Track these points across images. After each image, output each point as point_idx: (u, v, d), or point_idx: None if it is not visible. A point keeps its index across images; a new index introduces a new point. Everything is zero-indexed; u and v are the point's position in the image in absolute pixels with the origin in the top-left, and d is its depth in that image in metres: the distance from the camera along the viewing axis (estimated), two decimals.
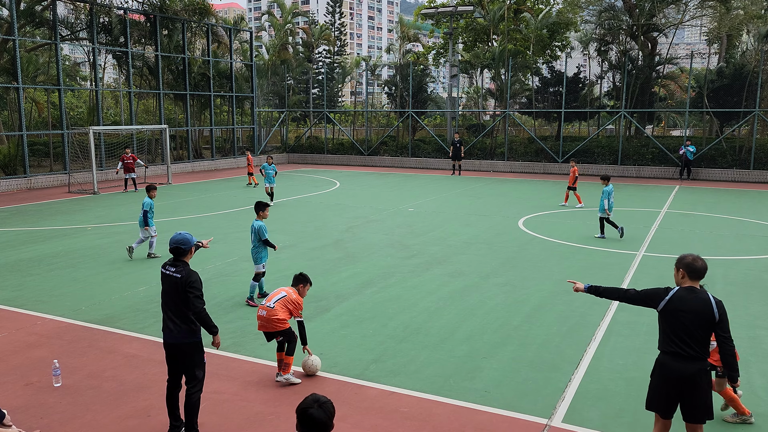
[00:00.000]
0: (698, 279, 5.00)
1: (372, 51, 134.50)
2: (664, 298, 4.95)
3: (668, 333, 4.93)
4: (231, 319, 8.98)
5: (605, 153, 31.96)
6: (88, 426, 5.98)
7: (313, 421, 3.22)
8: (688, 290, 4.95)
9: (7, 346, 7.99)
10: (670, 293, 4.96)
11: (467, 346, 8.00)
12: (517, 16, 36.87)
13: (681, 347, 4.85)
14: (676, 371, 4.88)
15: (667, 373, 4.93)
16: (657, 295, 4.99)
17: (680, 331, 4.87)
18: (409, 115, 37.04)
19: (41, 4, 27.49)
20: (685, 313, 4.85)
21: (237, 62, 36.71)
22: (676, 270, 5.08)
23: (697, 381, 4.84)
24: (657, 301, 4.97)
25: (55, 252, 13.33)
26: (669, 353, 4.92)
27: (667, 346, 4.93)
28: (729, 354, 4.89)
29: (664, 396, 4.96)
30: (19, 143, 25.08)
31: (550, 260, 12.75)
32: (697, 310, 4.84)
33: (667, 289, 5.02)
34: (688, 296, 4.91)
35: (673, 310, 4.89)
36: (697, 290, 4.96)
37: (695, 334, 4.85)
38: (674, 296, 4.93)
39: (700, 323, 4.85)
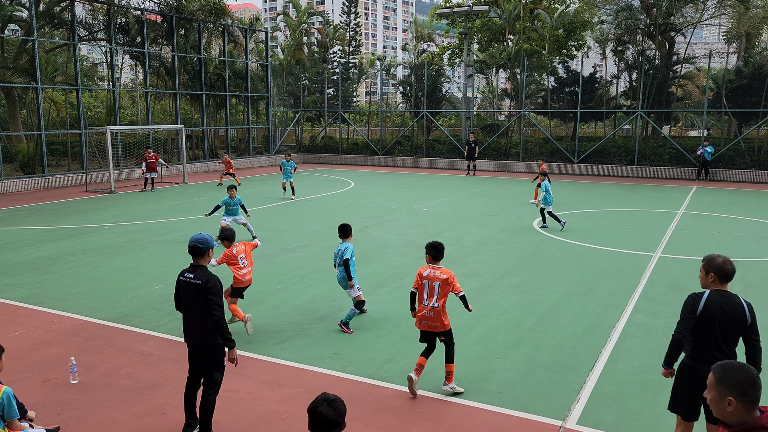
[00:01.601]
0: (728, 282, 4.91)
1: (387, 51, 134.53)
2: (699, 303, 4.84)
3: (702, 339, 4.83)
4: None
5: (621, 153, 31.70)
6: (104, 423, 6.04)
7: (323, 420, 3.23)
8: (720, 294, 4.85)
9: (26, 343, 8.10)
10: (703, 298, 4.85)
11: (481, 347, 7.97)
12: (533, 16, 36.67)
13: (714, 353, 4.76)
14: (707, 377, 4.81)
15: (698, 379, 4.82)
16: (693, 305, 4.86)
17: (717, 336, 4.79)
18: (423, 115, 36.99)
19: (60, 5, 27.81)
20: (721, 318, 4.78)
21: (252, 62, 36.90)
22: (704, 272, 4.95)
23: None
24: (695, 310, 4.84)
25: (72, 250, 13.48)
26: (701, 360, 4.83)
27: (700, 353, 4.84)
28: (757, 356, 4.84)
29: (693, 400, 4.91)
30: (38, 143, 25.41)
31: (565, 261, 12.67)
32: (732, 314, 4.78)
33: (696, 296, 4.90)
34: (722, 300, 4.81)
35: (710, 315, 4.79)
36: (728, 294, 4.88)
37: (730, 338, 4.80)
38: (708, 301, 4.82)
39: (735, 327, 4.80)
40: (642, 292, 10.48)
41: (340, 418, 3.26)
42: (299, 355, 7.66)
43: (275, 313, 9.29)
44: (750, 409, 2.81)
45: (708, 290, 4.92)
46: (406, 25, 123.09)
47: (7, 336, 8.29)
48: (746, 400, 2.80)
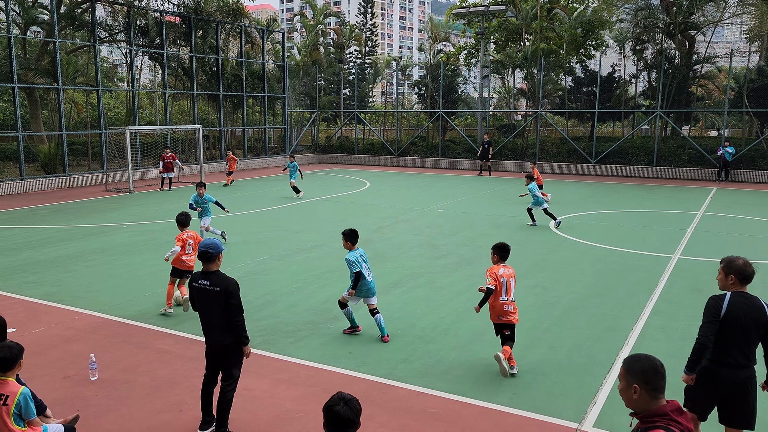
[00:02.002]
0: (747, 284, 4.89)
1: (403, 51, 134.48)
2: (722, 306, 4.81)
3: (725, 341, 4.80)
4: (261, 317, 9.08)
5: (640, 154, 31.39)
6: (123, 419, 6.12)
7: (339, 419, 3.25)
8: (741, 296, 4.83)
9: (47, 340, 8.23)
10: (725, 301, 4.82)
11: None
12: (551, 15, 36.44)
13: (734, 356, 4.76)
14: (727, 380, 4.82)
15: (718, 382, 4.85)
16: (716, 308, 4.82)
17: (739, 339, 4.77)
18: (439, 115, 36.93)
19: (81, 8, 28.19)
20: (743, 320, 4.75)
21: (269, 63, 37.10)
22: (724, 274, 4.92)
23: (747, 388, 4.82)
24: (719, 313, 4.81)
25: (92, 249, 13.66)
26: (722, 363, 4.81)
27: (722, 356, 4.82)
28: None
29: (709, 401, 4.96)
30: (59, 143, 25.77)
31: (582, 262, 12.59)
32: (754, 316, 4.76)
33: (719, 298, 4.87)
34: (744, 302, 4.79)
35: (733, 318, 4.77)
36: (749, 296, 4.85)
37: (753, 340, 4.79)
38: (731, 303, 4.80)
39: (757, 329, 4.79)
40: (660, 294, 10.39)
41: (356, 417, 3.28)
42: (314, 355, 7.70)
43: (290, 312, 9.35)
44: (654, 396, 2.99)
45: (729, 292, 4.88)
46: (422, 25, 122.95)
47: (28, 333, 8.44)
48: (649, 387, 2.98)
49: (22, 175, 24.07)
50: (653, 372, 3.01)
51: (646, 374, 3.00)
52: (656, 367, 3.03)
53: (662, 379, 3.03)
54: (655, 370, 3.02)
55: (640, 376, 3.01)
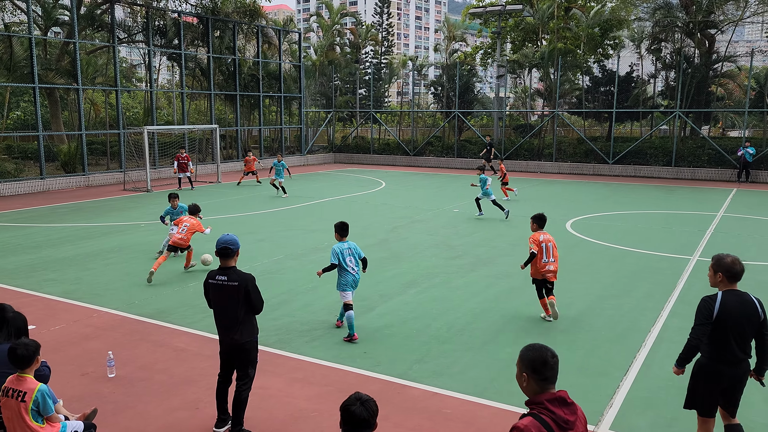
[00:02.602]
0: (736, 282, 4.99)
1: (419, 51, 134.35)
2: (714, 306, 4.92)
3: (721, 340, 4.91)
4: (277, 316, 9.11)
5: (658, 154, 31.06)
6: (140, 416, 6.18)
7: (355, 419, 3.26)
8: (733, 294, 4.94)
9: (66, 337, 8.33)
10: (718, 300, 4.93)
11: (512, 349, 7.89)
12: (568, 15, 36.18)
13: (734, 353, 4.90)
14: (728, 376, 4.97)
15: (721, 378, 4.97)
16: (708, 310, 4.94)
17: (736, 336, 4.88)
18: (455, 115, 36.84)
19: (100, 9, 28.51)
20: (737, 318, 4.86)
21: (286, 63, 37.25)
22: (713, 271, 5.04)
23: (743, 380, 5.03)
24: (711, 314, 4.92)
25: (110, 247, 13.81)
26: (721, 360, 4.95)
27: (720, 354, 4.94)
28: None
29: (714, 397, 5.09)
30: (79, 142, 26.09)
31: (599, 263, 12.48)
32: (747, 312, 4.89)
33: (710, 299, 4.97)
34: (736, 300, 4.90)
35: (727, 316, 4.87)
36: (740, 293, 4.97)
37: (748, 336, 4.93)
38: (723, 302, 4.90)
39: (751, 325, 4.91)
40: (679, 296, 10.26)
41: (372, 418, 3.29)
42: (329, 354, 7.71)
43: (306, 311, 9.37)
44: (540, 385, 3.15)
45: (720, 292, 5.00)
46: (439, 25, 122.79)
47: (48, 330, 8.55)
48: (537, 377, 3.15)
49: (42, 174, 24.41)
50: (541, 363, 3.13)
51: (534, 363, 3.14)
52: (545, 358, 3.14)
53: (550, 370, 3.13)
54: (544, 361, 3.13)
55: (528, 365, 3.15)
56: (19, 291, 10.45)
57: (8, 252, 13.33)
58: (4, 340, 5.12)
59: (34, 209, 19.46)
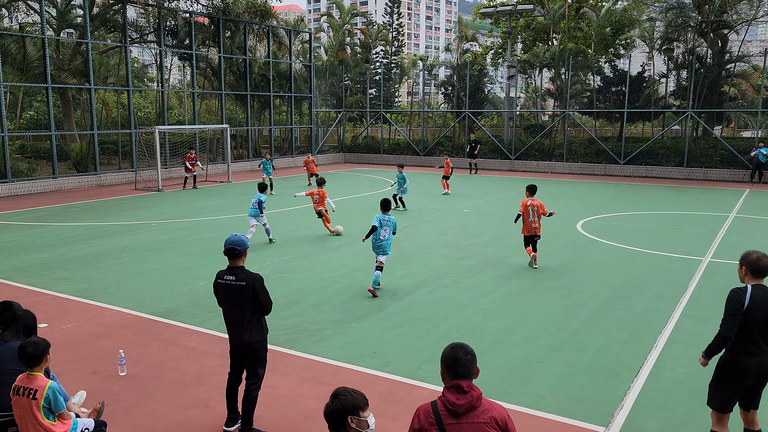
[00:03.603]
0: (761, 277, 5.08)
1: (429, 51, 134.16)
2: (745, 297, 4.99)
3: (747, 332, 4.99)
4: (287, 315, 9.14)
5: (670, 154, 30.84)
6: (151, 414, 6.21)
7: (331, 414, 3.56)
8: (759, 288, 5.05)
9: (77, 335, 8.40)
10: (747, 293, 5.01)
11: (522, 350, 7.88)
12: (579, 14, 36.01)
13: (759, 345, 4.99)
14: (754, 369, 5.03)
15: (745, 371, 5.03)
16: (739, 301, 5.01)
17: (761, 328, 4.97)
18: (465, 115, 36.76)
19: (112, 9, 28.72)
20: (765, 311, 4.96)
21: (296, 63, 37.34)
22: (740, 266, 5.19)
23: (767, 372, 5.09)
24: (742, 305, 5.00)
25: (121, 246, 13.91)
26: (746, 353, 5.01)
27: (744, 347, 5.01)
28: None
29: (736, 392, 5.14)
30: (91, 142, 26.29)
31: (610, 264, 12.41)
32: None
33: (740, 291, 5.06)
34: (762, 294, 5.00)
35: (756, 308, 4.97)
36: (765, 287, 5.06)
37: None
38: (753, 295, 5.00)
39: None
40: (690, 297, 10.19)
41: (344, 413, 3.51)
42: (339, 354, 7.72)
43: (316, 311, 9.39)
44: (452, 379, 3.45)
45: (749, 285, 5.08)
46: (449, 25, 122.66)
47: (59, 328, 8.62)
48: (449, 372, 3.46)
49: (55, 173, 24.62)
50: (453, 359, 3.44)
51: (447, 360, 3.46)
52: (457, 356, 3.44)
53: (462, 366, 3.42)
54: (455, 358, 3.43)
55: (443, 362, 3.48)
56: (31, 289, 10.55)
57: (21, 250, 13.46)
58: (12, 338, 5.16)
59: (47, 208, 19.63)
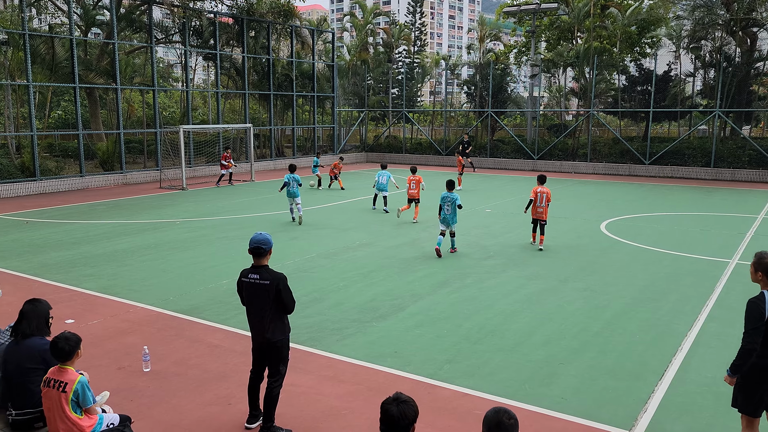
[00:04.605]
0: None
1: (452, 50, 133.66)
2: (764, 306, 4.86)
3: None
4: (308, 314, 9.18)
5: (697, 155, 30.34)
6: (174, 410, 6.29)
7: (388, 417, 3.30)
8: None
9: (103, 331, 8.54)
10: (766, 300, 4.89)
11: (544, 351, 7.81)
12: (604, 13, 35.59)
13: None
14: None
15: None
16: (759, 311, 4.87)
17: None
18: (488, 114, 36.58)
19: (139, 10, 29.12)
20: None
21: (319, 63, 37.49)
22: (753, 269, 5.04)
23: None
24: (763, 316, 4.86)
25: (146, 244, 14.10)
26: None
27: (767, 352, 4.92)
28: None
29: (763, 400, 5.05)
30: (117, 141, 26.70)
31: (634, 266, 12.25)
32: None
33: (759, 300, 4.91)
34: None
35: None
36: None
37: None
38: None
39: None
40: (717, 299, 10.01)
41: (404, 420, 3.32)
42: (360, 353, 7.74)
43: (337, 310, 9.42)
44: None
45: (765, 291, 4.96)
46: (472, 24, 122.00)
47: (86, 324, 8.77)
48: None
49: (82, 171, 25.05)
50: (496, 424, 3.30)
51: (489, 424, 3.31)
52: (500, 420, 3.31)
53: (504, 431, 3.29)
54: (499, 422, 3.30)
55: (485, 425, 3.34)
56: (59, 286, 10.75)
57: (49, 248, 13.72)
58: (30, 333, 5.25)
59: (74, 206, 19.99)
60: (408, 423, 3.34)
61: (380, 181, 19.02)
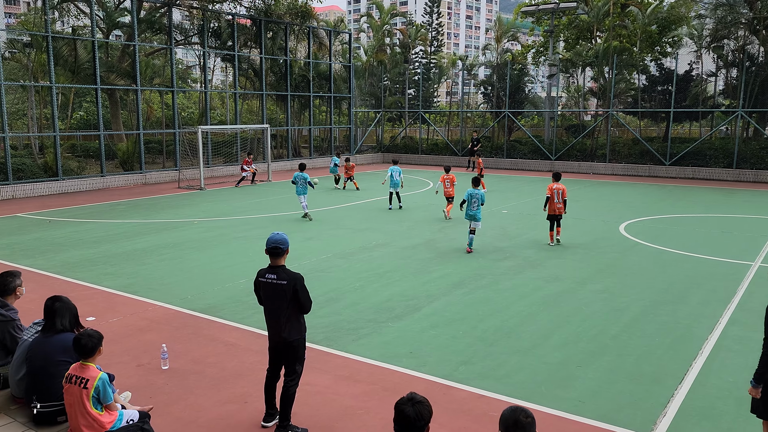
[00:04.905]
0: None
1: (469, 51, 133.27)
2: None
3: None
4: (325, 314, 9.21)
5: (719, 156, 29.91)
6: (191, 408, 6.35)
7: (402, 418, 3.30)
8: None
9: (122, 329, 8.64)
10: None
11: (561, 354, 7.76)
12: (624, 12, 35.23)
13: None
14: None
15: None
16: None
17: None
18: (505, 115, 36.40)
19: (159, 12, 29.43)
20: None
21: (336, 64, 37.60)
22: None
23: None
24: None
25: (165, 243, 14.24)
26: None
27: None
28: None
29: None
30: (137, 141, 27.00)
31: (653, 268, 12.12)
32: None
33: None
34: None
35: None
36: None
37: None
38: None
39: None
40: (738, 303, 9.87)
41: (420, 421, 3.33)
42: (375, 353, 7.75)
43: (353, 310, 9.44)
44: None
45: None
46: (489, 24, 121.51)
47: (107, 321, 8.88)
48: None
49: (102, 171, 25.38)
50: (513, 422, 3.32)
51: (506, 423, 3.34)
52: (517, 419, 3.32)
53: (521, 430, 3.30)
54: (516, 421, 3.31)
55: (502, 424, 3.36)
56: (80, 284, 10.90)
57: (71, 246, 13.92)
58: (61, 329, 5.36)
59: (95, 205, 20.25)
60: (423, 424, 3.34)
61: (394, 177, 19.32)
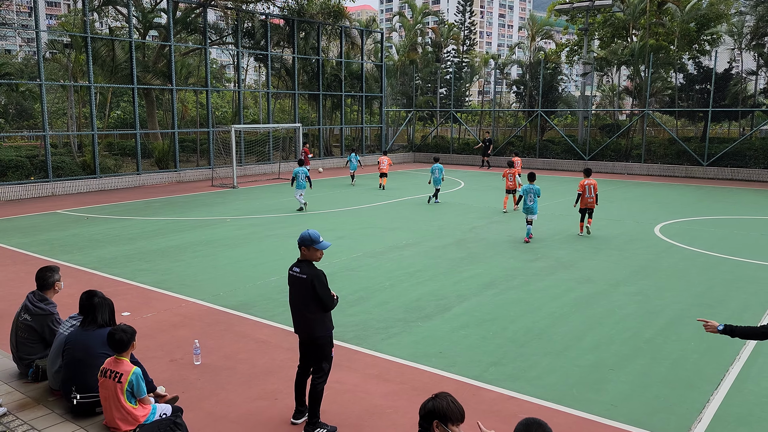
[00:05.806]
0: None
1: (502, 49, 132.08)
2: None
3: None
4: (354, 312, 9.25)
5: (759, 156, 29.10)
6: (223, 403, 6.44)
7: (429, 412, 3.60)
8: None
9: (156, 324, 8.81)
10: None
11: (593, 356, 7.64)
12: (661, 9, 34.51)
13: None
14: None
15: None
16: None
17: None
18: (537, 114, 36.01)
19: (194, 12, 29.91)
20: None
21: (368, 63, 37.68)
22: None
23: None
24: None
25: (198, 241, 14.47)
26: None
27: None
28: None
29: None
30: (172, 140, 27.49)
31: (690, 271, 11.85)
32: None
33: None
34: None
35: None
36: None
37: None
38: None
39: None
40: None
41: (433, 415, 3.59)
42: (405, 352, 7.74)
43: (383, 309, 9.45)
44: None
45: None
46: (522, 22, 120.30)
47: (141, 317, 9.07)
48: None
49: (138, 169, 25.90)
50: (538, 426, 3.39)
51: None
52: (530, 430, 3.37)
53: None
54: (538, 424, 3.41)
55: None
56: (116, 279, 11.15)
57: (107, 242, 14.25)
58: (100, 323, 5.50)
59: (131, 203, 20.68)
60: None
61: (435, 175, 20.28)
